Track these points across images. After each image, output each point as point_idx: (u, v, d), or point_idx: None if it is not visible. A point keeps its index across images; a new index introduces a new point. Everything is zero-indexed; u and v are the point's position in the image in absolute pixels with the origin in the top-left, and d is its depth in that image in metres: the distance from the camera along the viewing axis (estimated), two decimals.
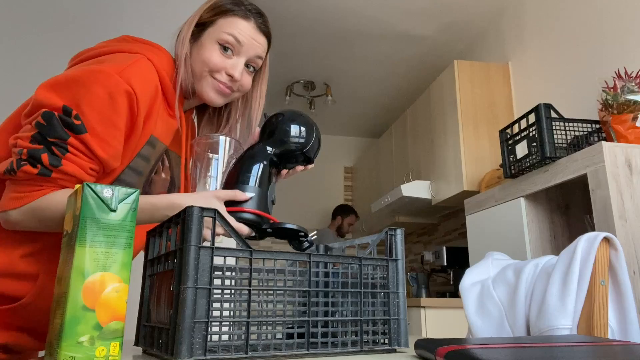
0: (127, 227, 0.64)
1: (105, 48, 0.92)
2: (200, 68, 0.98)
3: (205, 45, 0.98)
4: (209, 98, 1.00)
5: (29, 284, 0.87)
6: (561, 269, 0.96)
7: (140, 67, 0.88)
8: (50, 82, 0.83)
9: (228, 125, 1.11)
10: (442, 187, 3.25)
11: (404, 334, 0.75)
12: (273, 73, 4.27)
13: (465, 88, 3.09)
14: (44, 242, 0.88)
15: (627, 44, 2.24)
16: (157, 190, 1.03)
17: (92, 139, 0.82)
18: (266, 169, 0.96)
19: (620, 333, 0.93)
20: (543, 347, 0.60)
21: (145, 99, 0.87)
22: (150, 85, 0.89)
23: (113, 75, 0.83)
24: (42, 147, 0.80)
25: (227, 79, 0.99)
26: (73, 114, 0.81)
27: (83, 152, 0.83)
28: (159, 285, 0.71)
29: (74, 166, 0.82)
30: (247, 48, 0.99)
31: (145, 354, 0.73)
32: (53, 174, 0.81)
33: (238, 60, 0.99)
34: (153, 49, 0.95)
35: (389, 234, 0.78)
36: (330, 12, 3.31)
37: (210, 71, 0.98)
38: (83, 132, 0.81)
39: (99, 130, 0.83)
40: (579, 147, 1.95)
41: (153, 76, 0.90)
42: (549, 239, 2.14)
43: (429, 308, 2.80)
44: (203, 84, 0.99)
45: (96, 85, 0.82)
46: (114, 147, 0.86)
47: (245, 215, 0.92)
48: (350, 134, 5.52)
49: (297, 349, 0.67)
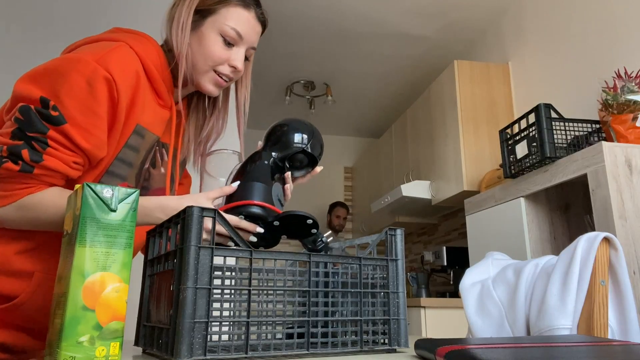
0: (127, 227, 0.64)
1: (89, 38, 0.90)
2: (203, 61, 0.97)
3: (207, 36, 0.96)
4: (207, 90, 1.00)
5: (24, 282, 0.86)
6: (561, 269, 0.96)
7: (120, 53, 0.85)
8: (28, 73, 0.82)
9: (217, 110, 1.10)
10: (442, 187, 3.25)
11: (403, 334, 0.75)
12: (273, 73, 4.28)
13: (465, 88, 3.09)
14: (39, 239, 0.87)
15: (627, 44, 2.24)
16: (155, 185, 1.01)
17: (72, 129, 0.80)
18: (267, 167, 0.95)
19: (620, 333, 0.93)
20: (543, 347, 0.60)
21: (125, 85, 0.85)
22: (130, 72, 0.86)
23: (90, 63, 0.81)
24: (22, 142, 0.78)
25: (229, 70, 0.98)
26: (51, 105, 0.79)
27: (64, 145, 0.81)
28: (159, 285, 0.71)
29: (56, 161, 0.80)
30: (247, 39, 0.99)
31: (145, 354, 0.73)
32: (35, 170, 0.79)
33: (239, 51, 0.99)
34: (138, 37, 0.93)
35: (389, 234, 0.78)
36: (330, 12, 3.31)
37: (214, 64, 0.97)
38: (62, 122, 0.79)
39: (80, 120, 0.80)
40: (579, 147, 1.95)
41: (133, 63, 0.88)
42: (549, 239, 2.14)
43: (429, 308, 2.80)
44: (204, 77, 0.98)
45: (73, 73, 0.80)
46: (97, 137, 0.83)
47: (250, 209, 0.88)
48: (350, 134, 5.52)
49: (297, 349, 0.67)
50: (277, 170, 0.97)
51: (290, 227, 0.89)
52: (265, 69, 4.06)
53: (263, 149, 0.98)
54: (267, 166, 0.95)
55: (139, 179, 0.96)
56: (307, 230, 0.88)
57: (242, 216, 0.89)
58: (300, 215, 0.86)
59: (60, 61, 0.82)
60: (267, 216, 0.89)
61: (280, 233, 0.91)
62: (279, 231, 0.91)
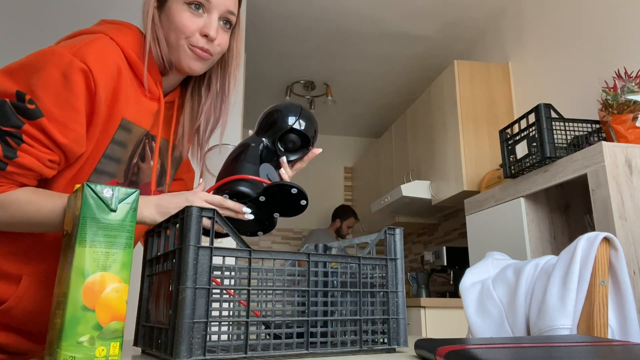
0: (127, 227, 0.64)
1: (71, 33, 0.88)
2: (174, 36, 0.91)
3: (173, 9, 0.91)
4: (189, 67, 0.93)
5: (11, 285, 0.84)
6: (561, 269, 0.96)
7: (98, 45, 0.82)
8: (3, 69, 0.80)
9: (210, 94, 1.04)
10: (442, 187, 3.25)
11: (403, 334, 0.75)
12: (273, 73, 4.27)
13: (465, 88, 3.09)
14: (27, 242, 0.85)
15: (627, 43, 2.24)
16: (145, 179, 0.98)
17: (49, 124, 0.77)
18: (254, 149, 0.91)
19: (620, 333, 0.93)
20: (543, 347, 0.60)
21: (103, 77, 0.82)
22: (109, 64, 0.83)
23: (66, 55, 0.78)
24: None
25: (203, 41, 0.92)
26: (27, 99, 0.76)
27: (40, 142, 0.78)
28: (158, 285, 0.71)
29: (31, 158, 0.77)
30: (217, 2, 0.92)
31: (144, 354, 0.73)
32: (8, 167, 0.76)
33: (210, 18, 0.92)
34: (120, 27, 0.90)
35: (388, 234, 0.78)
36: (331, 12, 3.31)
37: (186, 37, 0.91)
38: (39, 116, 0.76)
39: (57, 114, 0.78)
40: (579, 147, 1.95)
41: (113, 54, 0.84)
42: (549, 239, 2.13)
43: (429, 308, 2.80)
44: (181, 53, 0.92)
45: (49, 66, 0.78)
46: (75, 131, 0.80)
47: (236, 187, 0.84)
48: (350, 134, 5.52)
49: (296, 348, 0.67)
50: (270, 155, 0.94)
51: (279, 202, 0.86)
52: (265, 69, 4.06)
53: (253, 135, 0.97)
54: (254, 148, 0.92)
55: (127, 175, 0.94)
56: (297, 203, 0.85)
57: (226, 195, 0.85)
58: (284, 184, 0.83)
59: (36, 55, 0.80)
60: (251, 193, 0.85)
61: (270, 211, 0.88)
62: (270, 209, 0.87)
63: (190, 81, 1.05)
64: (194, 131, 1.04)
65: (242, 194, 0.86)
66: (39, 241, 0.86)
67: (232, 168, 0.89)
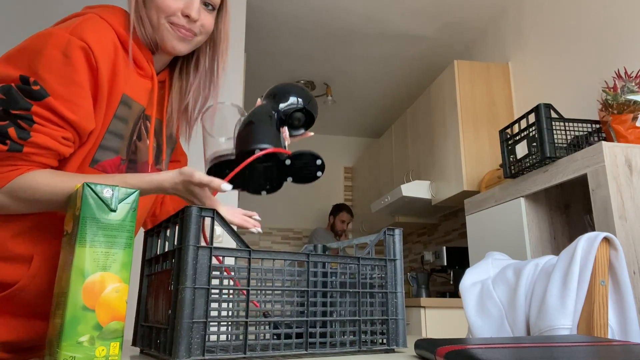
0: (127, 227, 0.64)
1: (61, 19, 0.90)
2: (155, 16, 0.93)
3: None
4: (172, 47, 0.95)
5: (23, 266, 0.85)
6: (561, 269, 0.96)
7: (92, 23, 0.85)
8: (3, 56, 0.82)
9: (198, 74, 1.05)
10: (442, 187, 3.25)
11: (402, 334, 0.75)
12: (273, 73, 4.27)
13: (465, 88, 3.09)
14: (34, 220, 0.85)
15: (627, 43, 2.24)
16: (143, 158, 0.99)
17: (56, 102, 0.79)
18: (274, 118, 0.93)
19: (620, 333, 0.93)
20: (543, 347, 0.60)
21: (103, 53, 0.84)
22: (106, 40, 0.85)
23: (64, 35, 0.80)
24: (8, 122, 0.77)
25: (184, 21, 0.93)
26: (31, 81, 0.78)
27: (51, 120, 0.80)
28: (157, 285, 0.71)
29: (44, 137, 0.79)
30: None
31: (143, 354, 0.73)
32: (25, 148, 0.78)
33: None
34: (107, 7, 0.92)
35: (387, 234, 0.78)
36: (331, 12, 3.31)
37: (167, 16, 0.92)
38: (45, 96, 0.78)
39: (62, 92, 0.80)
40: (579, 147, 1.95)
41: (107, 32, 0.87)
42: (549, 239, 2.13)
43: (429, 308, 2.80)
44: (163, 32, 0.94)
45: (49, 47, 0.80)
46: (82, 107, 0.82)
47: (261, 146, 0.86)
48: (350, 134, 5.52)
49: (295, 349, 0.67)
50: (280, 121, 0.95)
51: (296, 168, 0.88)
52: (265, 69, 4.06)
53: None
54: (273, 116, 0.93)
55: (129, 152, 0.95)
56: (313, 174, 0.88)
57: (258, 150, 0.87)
58: (313, 153, 0.86)
59: (33, 39, 0.82)
60: (279, 155, 0.88)
61: (284, 174, 0.90)
62: (285, 172, 0.90)
63: (178, 61, 1.06)
64: (182, 109, 1.05)
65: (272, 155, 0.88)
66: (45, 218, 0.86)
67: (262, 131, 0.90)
